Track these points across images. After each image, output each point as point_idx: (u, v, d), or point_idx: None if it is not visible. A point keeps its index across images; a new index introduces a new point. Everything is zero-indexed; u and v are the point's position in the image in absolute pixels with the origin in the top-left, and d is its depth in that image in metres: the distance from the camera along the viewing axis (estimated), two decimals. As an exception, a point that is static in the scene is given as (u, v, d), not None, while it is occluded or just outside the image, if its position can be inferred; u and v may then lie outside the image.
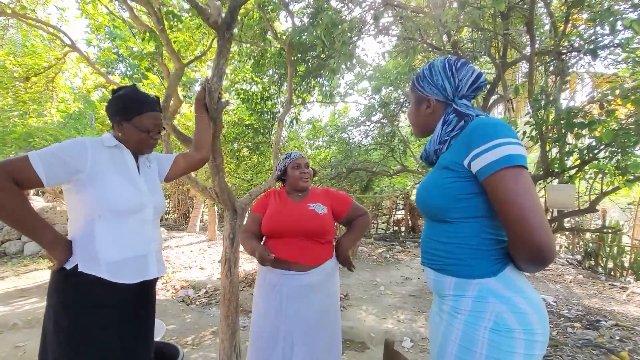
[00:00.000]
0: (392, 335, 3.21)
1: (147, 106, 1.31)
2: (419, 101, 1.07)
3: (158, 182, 1.45)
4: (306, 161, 1.81)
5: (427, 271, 1.07)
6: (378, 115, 5.52)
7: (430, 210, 1.01)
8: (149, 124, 1.30)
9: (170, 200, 12.47)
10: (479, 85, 1.02)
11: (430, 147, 1.05)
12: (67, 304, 1.13)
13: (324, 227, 1.68)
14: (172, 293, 4.38)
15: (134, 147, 1.31)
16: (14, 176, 1.03)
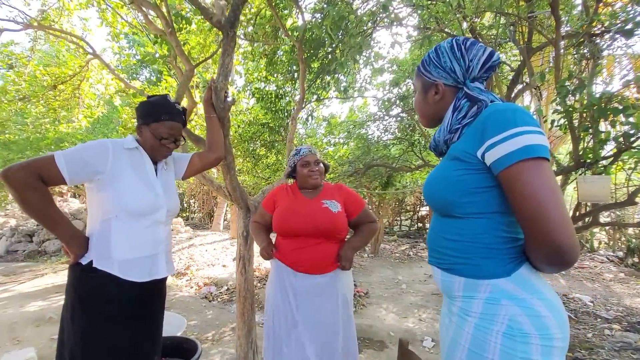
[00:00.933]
0: (413, 335, 3.13)
1: (166, 115, 1.33)
2: (426, 88, 0.99)
3: (174, 184, 1.47)
4: (316, 157, 1.74)
5: (434, 270, 1.01)
6: (397, 109, 5.39)
7: (438, 205, 0.94)
8: (163, 131, 1.32)
9: (195, 200, 12.87)
10: (492, 65, 0.92)
11: (439, 136, 0.97)
12: (82, 298, 1.19)
13: (337, 226, 1.62)
14: (195, 290, 4.51)
15: (148, 152, 1.34)
16: (40, 174, 1.10)
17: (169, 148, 1.37)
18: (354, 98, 4.83)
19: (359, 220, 1.76)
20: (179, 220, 10.14)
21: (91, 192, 1.24)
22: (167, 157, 1.42)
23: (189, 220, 12.19)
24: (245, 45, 3.33)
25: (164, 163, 1.44)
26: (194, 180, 10.55)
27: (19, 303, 3.94)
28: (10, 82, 3.27)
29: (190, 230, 9.34)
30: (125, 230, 1.22)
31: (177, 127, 1.36)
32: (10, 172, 1.06)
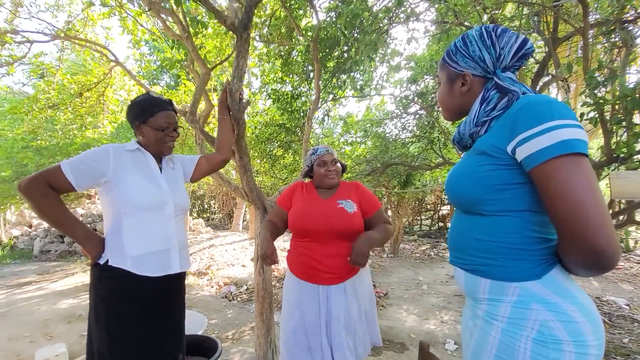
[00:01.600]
0: (434, 337, 3.05)
1: (158, 107, 1.39)
2: (452, 79, 0.94)
3: (181, 181, 1.51)
4: (333, 157, 1.71)
5: (456, 271, 0.97)
6: (415, 107, 5.29)
7: (461, 201, 0.89)
8: (162, 122, 1.38)
9: (215, 201, 13.14)
10: (526, 53, 0.86)
11: (464, 129, 0.92)
12: (102, 296, 1.25)
13: (353, 227, 1.58)
14: (216, 289, 4.59)
15: (155, 147, 1.39)
16: (49, 182, 1.18)
17: (172, 136, 1.42)
18: (370, 96, 4.78)
19: (374, 220, 1.70)
20: (200, 221, 10.39)
21: (102, 195, 1.30)
22: (172, 146, 1.45)
23: (209, 221, 12.46)
24: (260, 47, 3.36)
25: (169, 161, 1.48)
26: (214, 182, 10.78)
27: (51, 300, 4.14)
28: (40, 91, 3.46)
29: (211, 230, 9.54)
30: (135, 226, 1.26)
31: (172, 115, 1.42)
32: (23, 183, 1.15)
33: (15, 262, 6.75)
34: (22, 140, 4.43)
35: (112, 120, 3.99)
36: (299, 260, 1.65)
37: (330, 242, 1.58)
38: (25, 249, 7.75)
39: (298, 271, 1.66)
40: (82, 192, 8.24)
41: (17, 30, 2.62)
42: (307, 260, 1.60)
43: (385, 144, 5.28)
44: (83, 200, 8.13)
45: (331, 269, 1.56)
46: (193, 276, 5.13)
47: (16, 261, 6.86)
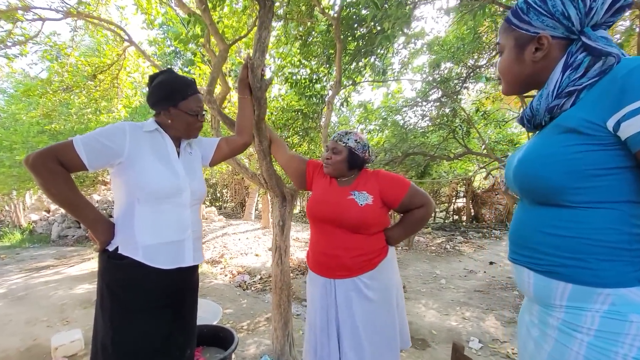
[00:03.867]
0: (457, 335, 2.91)
1: (190, 89, 1.29)
2: (521, 44, 0.78)
3: (199, 167, 1.41)
4: (335, 145, 1.55)
5: (520, 271, 0.82)
6: (436, 94, 5.04)
7: (538, 190, 0.73)
8: (195, 106, 1.28)
9: (227, 190, 13.18)
10: (624, 5, 0.69)
11: (539, 103, 0.76)
12: (109, 285, 1.16)
13: (364, 221, 1.46)
14: (229, 278, 4.55)
15: (183, 131, 1.30)
16: (60, 159, 1.07)
17: (202, 121, 1.33)
18: (390, 82, 4.56)
19: (406, 204, 1.55)
20: (213, 209, 10.42)
21: (114, 177, 1.19)
22: (200, 130, 1.36)
23: (221, 210, 12.52)
24: (278, 28, 3.20)
25: (188, 145, 1.37)
26: (226, 170, 10.76)
27: (68, 285, 4.17)
28: (54, 73, 3.39)
29: (223, 219, 9.56)
30: (148, 214, 1.16)
31: (201, 98, 1.34)
32: (31, 157, 1.05)
33: (34, 246, 6.90)
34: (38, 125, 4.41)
35: (126, 104, 3.92)
36: (312, 250, 1.59)
37: (341, 234, 1.49)
38: (43, 233, 7.91)
39: (312, 263, 1.60)
40: (98, 177, 8.33)
41: (29, 7, 2.53)
42: (319, 250, 1.54)
43: (404, 133, 5.07)
44: (98, 186, 8.21)
45: (340, 263, 1.48)
46: (207, 264, 5.10)
47: (35, 245, 7.00)
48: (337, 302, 1.53)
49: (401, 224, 1.64)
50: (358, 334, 1.50)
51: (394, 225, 1.67)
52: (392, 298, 1.57)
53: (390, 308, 1.56)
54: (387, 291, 1.56)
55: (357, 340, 1.50)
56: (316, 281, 1.61)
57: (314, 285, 1.62)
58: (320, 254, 1.57)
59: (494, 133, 6.98)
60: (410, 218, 1.61)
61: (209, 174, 11.26)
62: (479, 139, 7.20)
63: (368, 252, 1.53)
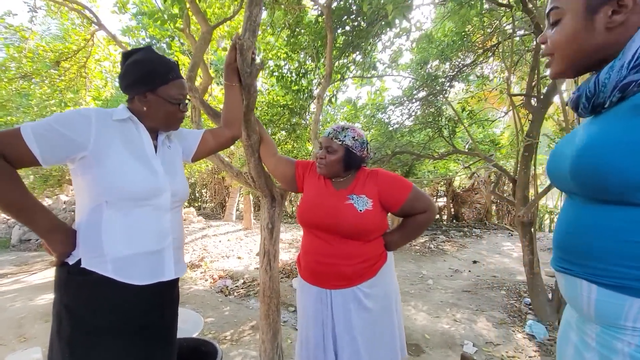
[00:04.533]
0: (451, 338, 2.83)
1: (173, 72, 1.09)
2: (593, 7, 0.63)
3: (179, 164, 1.21)
4: (330, 143, 1.40)
5: (575, 285, 0.69)
6: (423, 92, 4.99)
7: (611, 186, 0.60)
8: (176, 93, 1.09)
9: (207, 190, 12.74)
10: None
11: (610, 77, 0.62)
12: (70, 307, 0.94)
13: (363, 228, 1.34)
14: (210, 283, 4.30)
15: (162, 122, 1.11)
16: (3, 152, 0.85)
17: (184, 111, 1.14)
18: (376, 79, 4.45)
19: (407, 209, 1.43)
20: (191, 210, 10.00)
21: (75, 175, 0.98)
22: (181, 122, 1.16)
23: (200, 210, 12.07)
24: (264, 17, 3.00)
25: (166, 138, 1.17)
26: (205, 169, 10.37)
27: (28, 296, 3.78)
28: (10, 58, 3.02)
29: (203, 220, 9.18)
30: (119, 220, 0.96)
31: (185, 84, 1.14)
32: None
33: (-9, 252, 6.30)
34: (-10, 117, 3.99)
35: (95, 96, 3.58)
36: (305, 258, 1.45)
37: (338, 241, 1.36)
38: (2, 237, 7.27)
39: (304, 271, 1.46)
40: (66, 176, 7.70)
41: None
42: (313, 259, 1.40)
43: (390, 132, 4.99)
44: (66, 185, 7.62)
45: (337, 272, 1.35)
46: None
47: (-8, 251, 6.41)
48: (333, 314, 1.40)
49: (401, 229, 1.52)
50: (357, 348, 1.36)
51: (393, 229, 1.55)
52: (392, 305, 1.46)
53: (391, 316, 1.45)
54: (387, 298, 1.45)
55: (356, 355, 1.36)
56: (309, 291, 1.46)
57: (307, 296, 1.47)
58: (314, 262, 1.41)
59: (476, 133, 7.05)
60: (412, 223, 1.49)
61: (187, 173, 10.82)
62: (462, 138, 7.26)
63: (367, 259, 1.41)
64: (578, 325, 0.73)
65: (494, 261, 5.93)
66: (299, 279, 1.54)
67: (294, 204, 11.76)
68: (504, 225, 10.40)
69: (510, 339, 2.84)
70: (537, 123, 3.32)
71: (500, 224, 10.70)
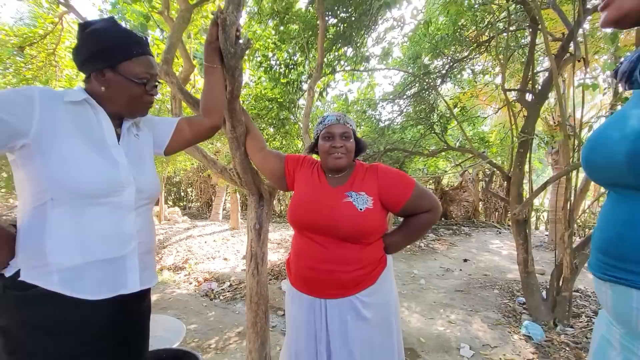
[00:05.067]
0: (447, 342, 2.73)
1: (138, 46, 0.92)
2: None
3: (149, 156, 1.05)
4: (345, 129, 1.29)
5: (625, 294, 0.57)
6: (415, 88, 4.90)
7: None
8: (141, 71, 0.91)
9: (192, 189, 12.40)
10: None
11: None
12: (7, 329, 0.77)
13: (364, 229, 1.21)
14: (194, 286, 4.08)
15: (125, 106, 0.94)
16: None
17: (153, 94, 0.96)
18: (369, 72, 4.32)
19: (409, 208, 1.31)
20: (176, 209, 9.68)
21: (16, 168, 0.81)
22: (149, 107, 0.98)
23: (186, 210, 11.74)
24: (252, 4, 2.82)
25: (133, 126, 1.00)
26: (191, 167, 10.06)
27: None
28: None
29: (188, 220, 8.90)
30: (68, 222, 0.79)
31: (154, 63, 0.96)
32: None
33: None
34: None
35: (67, 87, 3.32)
36: (296, 263, 1.31)
37: (335, 244, 1.22)
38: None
39: (295, 278, 1.32)
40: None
41: None
42: (305, 264, 1.26)
43: (382, 128, 4.88)
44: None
45: (334, 279, 1.21)
46: (169, 271, 4.58)
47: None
48: (328, 326, 1.25)
49: (402, 230, 1.39)
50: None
51: (393, 230, 1.42)
52: (391, 315, 1.33)
53: (390, 327, 1.32)
54: (386, 307, 1.32)
55: None
56: (300, 301, 1.31)
57: (298, 307, 1.32)
58: (306, 269, 1.27)
59: (466, 130, 7.04)
60: (415, 223, 1.36)
61: (171, 172, 10.46)
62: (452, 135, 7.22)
63: (367, 264, 1.27)
64: (624, 342, 0.61)
65: (484, 259, 5.92)
66: (288, 285, 1.39)
67: (282, 202, 11.56)
68: (491, 223, 10.50)
69: (507, 341, 2.76)
70: (532, 119, 3.25)
71: (488, 221, 10.80)
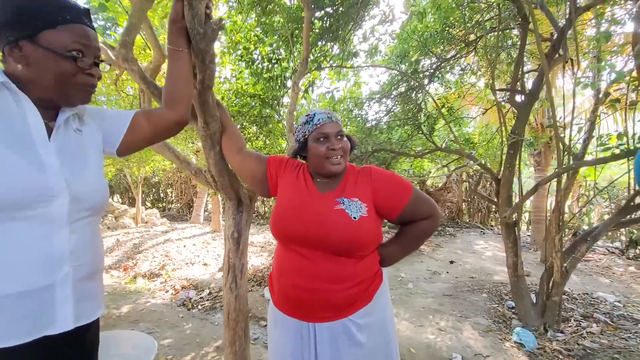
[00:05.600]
0: (438, 352, 2.60)
1: (68, 13, 0.72)
2: None
3: (93, 157, 0.84)
4: (339, 127, 1.14)
5: None
6: (402, 87, 4.79)
7: None
8: (70, 41, 0.71)
9: (172, 189, 11.96)
10: None
11: None
12: None
13: (358, 240, 1.06)
14: (171, 295, 3.82)
15: (55, 89, 0.73)
16: None
17: (92, 74, 0.75)
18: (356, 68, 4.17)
19: (407, 215, 1.16)
20: (155, 211, 9.27)
21: None
22: (89, 91, 0.78)
23: (165, 212, 11.29)
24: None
25: (74, 118, 0.80)
26: (170, 167, 9.65)
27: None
28: None
29: (167, 222, 8.52)
30: None
31: (92, 34, 0.75)
32: None
33: None
34: None
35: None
36: (280, 281, 1.13)
37: (325, 258, 1.06)
38: None
39: (279, 299, 1.15)
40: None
41: None
42: (291, 282, 1.09)
43: (369, 129, 4.75)
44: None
45: (324, 299, 1.05)
46: (143, 279, 4.28)
47: None
48: (317, 354, 1.09)
49: (400, 239, 1.26)
50: None
51: (389, 240, 1.27)
52: (388, 336, 1.18)
53: (388, 350, 1.16)
54: (383, 329, 1.16)
55: None
56: (285, 325, 1.13)
57: (283, 331, 1.14)
58: (292, 287, 1.09)
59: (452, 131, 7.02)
60: (414, 232, 1.23)
61: (149, 172, 10.01)
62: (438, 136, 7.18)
63: (361, 281, 1.12)
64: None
65: (470, 261, 5.89)
66: (271, 307, 1.21)
67: (266, 203, 11.29)
68: (475, 224, 10.60)
69: (498, 349, 2.66)
70: (523, 120, 3.19)
71: (472, 222, 10.90)
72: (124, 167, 7.05)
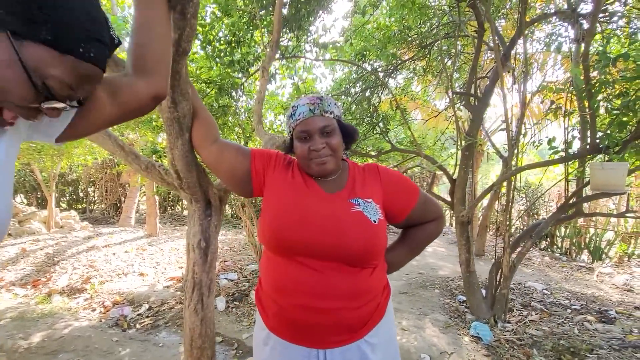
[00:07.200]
0: (407, 353, 2.57)
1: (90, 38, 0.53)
2: None
3: None
4: (324, 121, 0.93)
5: None
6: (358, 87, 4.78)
7: None
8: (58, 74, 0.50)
9: (95, 188, 10.46)
10: None
11: None
12: None
13: (377, 248, 0.93)
14: (100, 314, 3.21)
15: None
16: None
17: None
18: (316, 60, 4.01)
19: (414, 218, 1.07)
20: (73, 213, 7.94)
21: None
22: None
23: (86, 214, 9.80)
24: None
25: None
26: (93, 163, 8.38)
27: None
28: None
29: (89, 226, 7.37)
30: None
31: (98, 74, 0.54)
32: None
33: None
34: None
35: None
36: (280, 301, 0.93)
37: (339, 270, 0.90)
38: None
39: (279, 323, 0.94)
40: None
41: None
42: (297, 302, 0.90)
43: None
44: None
45: (339, 320, 0.89)
46: (60, 296, 3.54)
47: None
48: None
49: (406, 243, 1.16)
50: None
51: (394, 245, 1.17)
52: (396, 353, 1.05)
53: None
54: (391, 344, 1.04)
55: None
56: (287, 355, 0.92)
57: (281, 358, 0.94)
58: (302, 310, 0.89)
59: (400, 133, 7.29)
60: (420, 235, 1.15)
61: (65, 167, 8.55)
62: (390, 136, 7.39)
63: (376, 296, 0.99)
64: None
65: (415, 257, 6.15)
66: (261, 328, 0.98)
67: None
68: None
69: (459, 344, 2.73)
70: (477, 122, 3.35)
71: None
72: (33, 160, 5.86)
